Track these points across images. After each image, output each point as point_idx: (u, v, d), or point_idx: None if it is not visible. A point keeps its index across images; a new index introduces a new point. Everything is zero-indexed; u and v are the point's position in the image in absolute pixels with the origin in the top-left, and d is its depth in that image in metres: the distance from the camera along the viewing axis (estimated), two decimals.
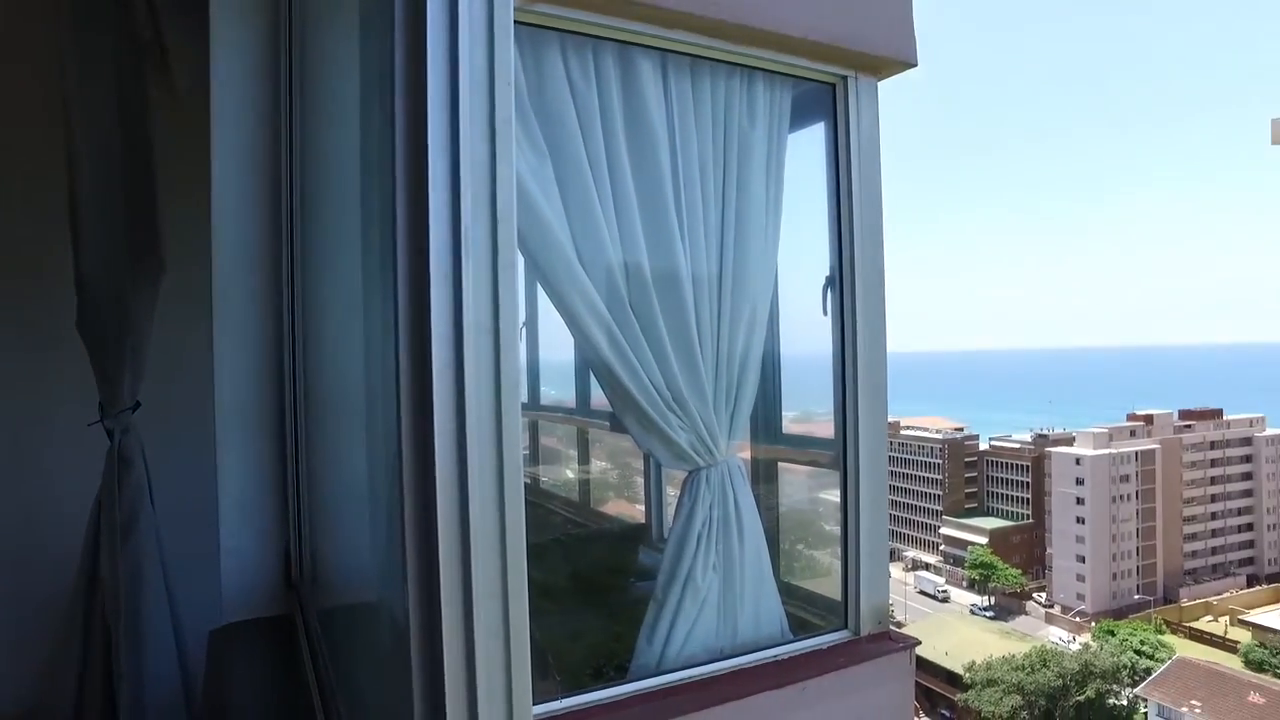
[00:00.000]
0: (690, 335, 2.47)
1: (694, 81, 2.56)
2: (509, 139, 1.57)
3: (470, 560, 1.40)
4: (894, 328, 2.85)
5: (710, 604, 2.51)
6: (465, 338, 1.45)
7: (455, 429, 1.44)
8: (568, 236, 2.33)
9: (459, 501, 1.42)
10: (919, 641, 2.75)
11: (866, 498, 2.68)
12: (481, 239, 1.51)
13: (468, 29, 1.51)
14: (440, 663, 1.38)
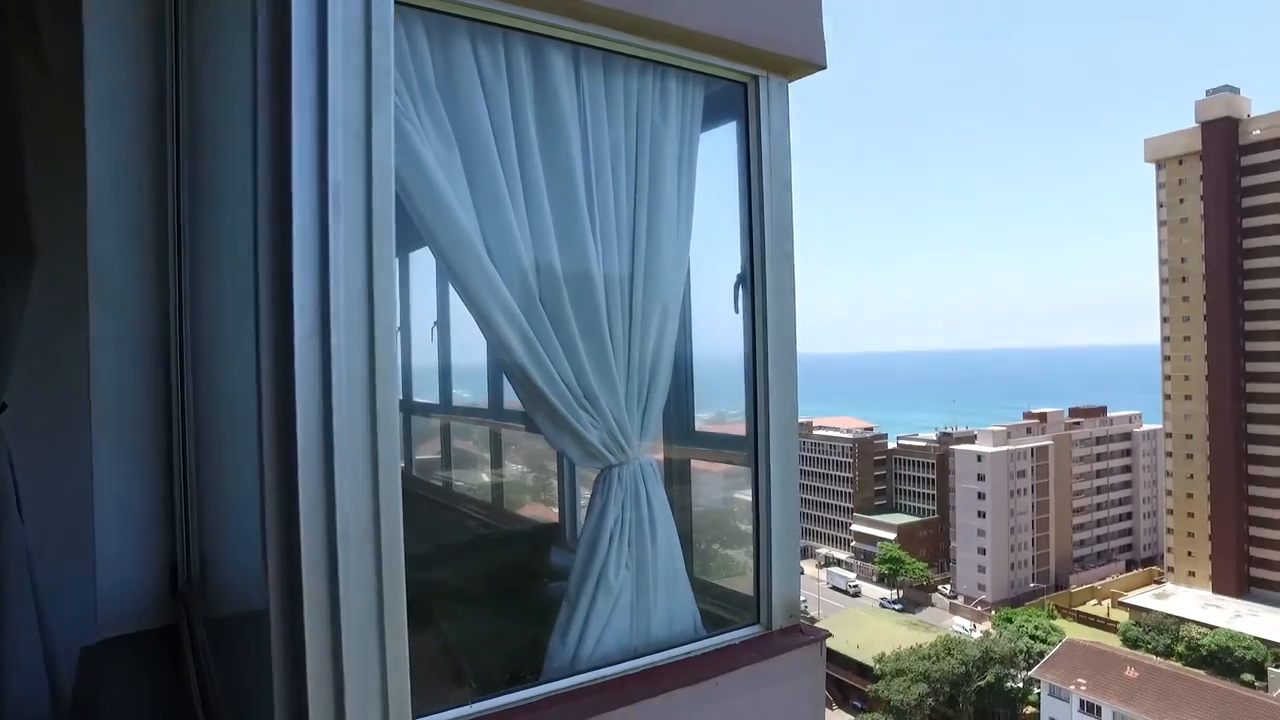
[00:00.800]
0: (602, 332, 2.44)
1: (607, 76, 2.54)
2: (387, 89, 1.48)
3: (337, 556, 1.32)
4: (806, 329, 2.90)
5: (623, 603, 2.49)
6: (333, 318, 1.37)
7: (320, 416, 1.35)
8: (477, 231, 2.27)
9: (325, 497, 1.34)
10: (829, 634, 2.80)
11: (777, 494, 2.70)
12: (354, 202, 1.44)
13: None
14: (303, 668, 1.30)
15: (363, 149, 1.54)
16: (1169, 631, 69.67)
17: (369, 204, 1.53)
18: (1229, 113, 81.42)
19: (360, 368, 1.44)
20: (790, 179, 2.75)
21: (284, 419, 1.35)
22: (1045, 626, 68.84)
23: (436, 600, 2.97)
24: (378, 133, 1.58)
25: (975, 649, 61.05)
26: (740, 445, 2.81)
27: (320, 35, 1.46)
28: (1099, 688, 50.60)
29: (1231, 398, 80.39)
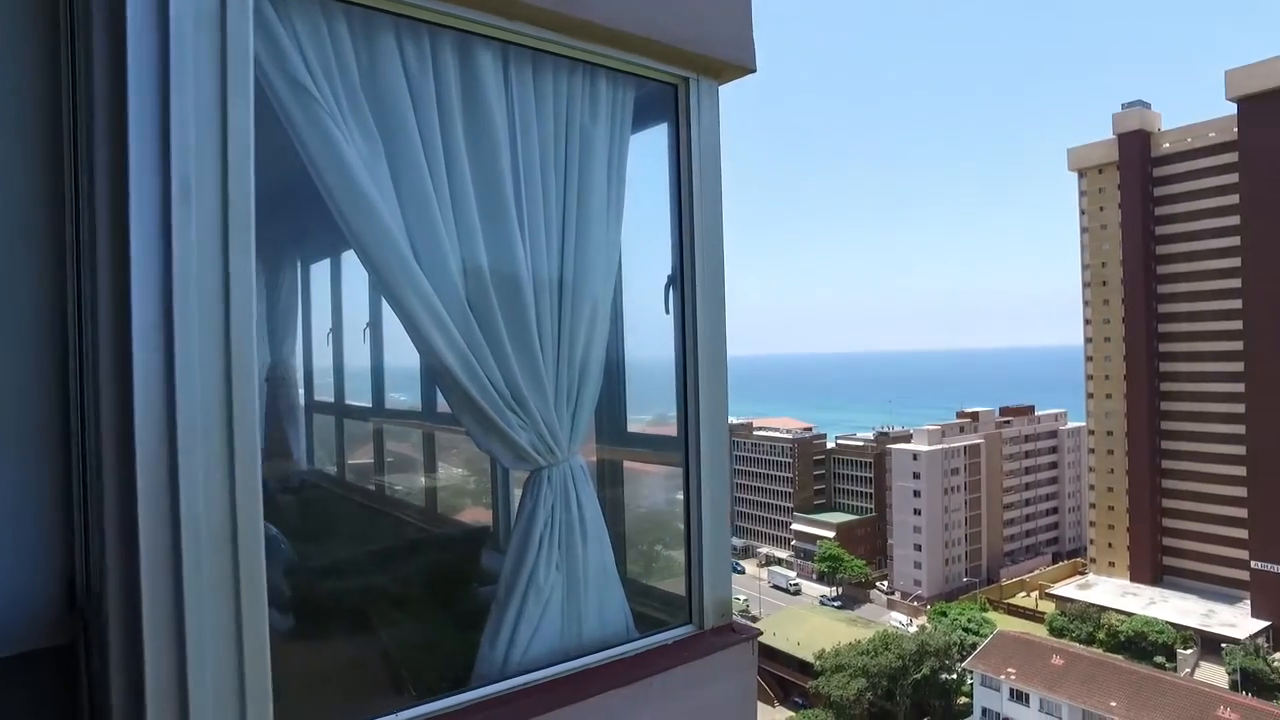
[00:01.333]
0: (530, 334, 2.42)
1: (536, 76, 2.52)
2: (245, 75, 1.40)
3: (182, 562, 1.25)
4: (743, 331, 2.94)
5: (554, 605, 2.47)
6: (178, 312, 1.31)
7: (164, 413, 1.29)
8: (402, 231, 2.23)
9: (168, 493, 1.27)
10: (760, 632, 2.83)
11: (708, 494, 2.72)
12: (208, 193, 1.37)
13: None
14: (141, 695, 1.22)
15: (218, 139, 1.48)
16: (1091, 620, 72.66)
17: (224, 195, 1.47)
18: (1142, 126, 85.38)
19: (214, 363, 1.38)
20: (720, 181, 2.78)
21: (122, 416, 1.28)
22: (978, 619, 71.07)
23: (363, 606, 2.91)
24: (235, 122, 1.51)
25: (911, 643, 62.53)
26: (673, 445, 2.83)
27: (162, 14, 1.38)
28: (1027, 676, 52.43)
29: (1148, 397, 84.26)
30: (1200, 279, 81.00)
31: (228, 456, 1.31)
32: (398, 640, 2.82)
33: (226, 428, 1.33)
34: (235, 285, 1.38)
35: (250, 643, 1.33)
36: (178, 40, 1.37)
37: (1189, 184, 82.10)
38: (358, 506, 4.89)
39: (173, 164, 1.33)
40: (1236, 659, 62.66)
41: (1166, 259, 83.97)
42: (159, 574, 1.22)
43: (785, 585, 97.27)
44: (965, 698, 60.50)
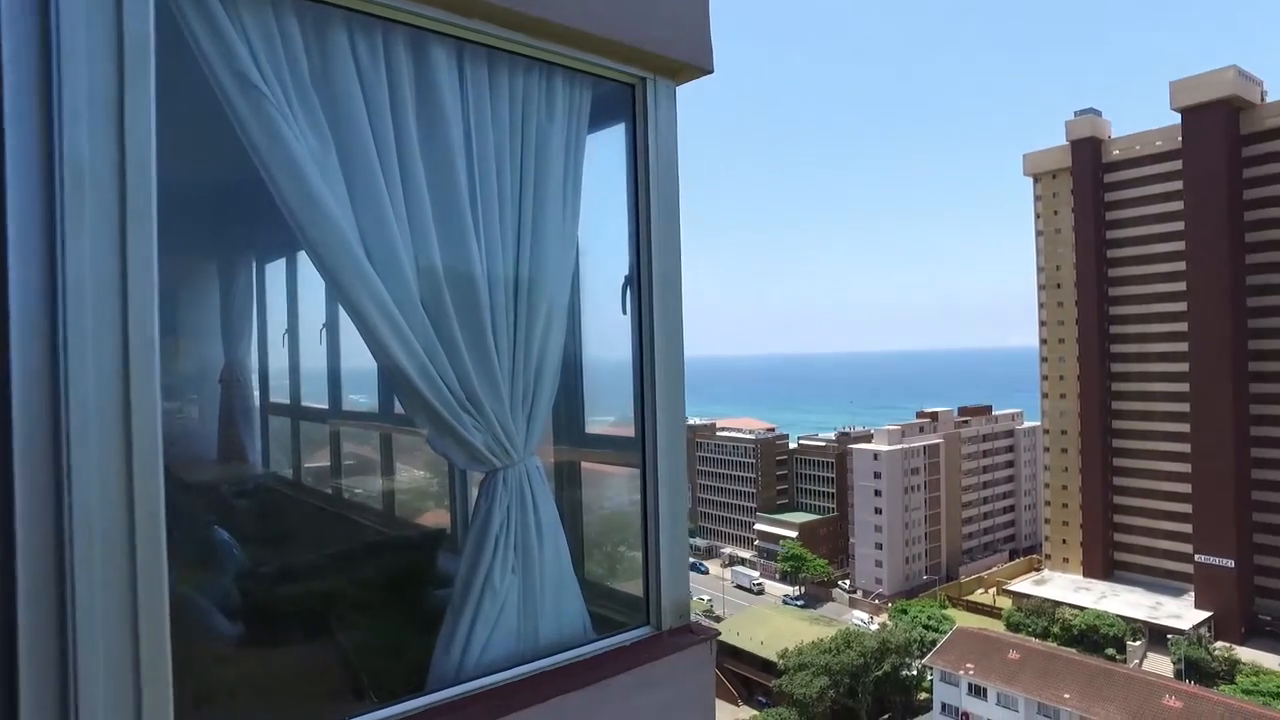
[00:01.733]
0: (485, 335, 2.40)
1: (491, 74, 2.50)
2: (145, 59, 1.34)
3: (68, 565, 1.19)
4: (705, 332, 2.95)
5: (510, 607, 2.45)
6: (70, 306, 1.26)
7: (47, 405, 1.23)
8: (354, 229, 2.19)
9: (51, 488, 1.23)
10: (718, 632, 2.84)
11: (666, 494, 2.72)
12: (104, 184, 1.31)
13: None
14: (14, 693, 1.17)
15: (114, 126, 1.43)
16: (1046, 615, 74.37)
17: (122, 186, 1.42)
18: (1093, 133, 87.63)
19: (110, 356, 1.33)
20: (677, 181, 2.78)
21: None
22: (937, 616, 72.24)
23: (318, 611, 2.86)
24: (133, 109, 1.46)
25: (873, 640, 63.34)
26: (631, 447, 2.82)
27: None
28: (985, 671, 53.42)
29: (1099, 397, 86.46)
30: (1148, 282, 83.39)
31: (125, 458, 1.26)
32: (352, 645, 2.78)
33: (124, 426, 1.28)
34: (133, 277, 1.32)
35: (148, 660, 1.27)
36: (68, 20, 1.31)
37: (1137, 190, 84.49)
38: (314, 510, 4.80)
39: (64, 151, 1.27)
40: (1181, 649, 64.74)
41: (1117, 262, 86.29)
42: (37, 581, 1.15)
43: (749, 585, 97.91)
44: (925, 693, 61.43)
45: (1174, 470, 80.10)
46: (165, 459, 1.42)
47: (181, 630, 1.38)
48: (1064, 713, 48.75)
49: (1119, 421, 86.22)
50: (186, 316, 6.30)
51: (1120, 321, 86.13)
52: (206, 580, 3.08)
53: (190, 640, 2.73)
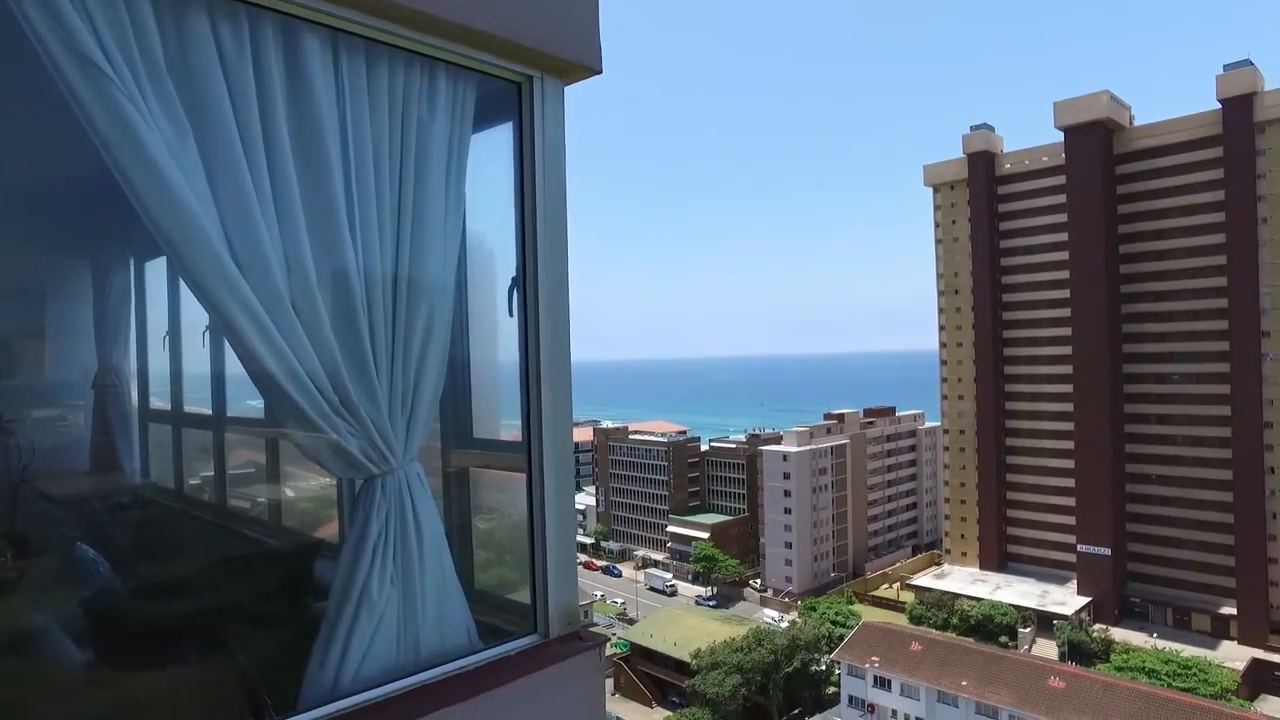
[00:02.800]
0: (360, 336, 2.31)
1: (370, 67, 2.41)
2: None
3: None
4: (620, 336, 2.91)
5: (389, 620, 2.36)
6: None
7: None
8: (216, 225, 2.07)
9: None
10: (608, 638, 2.81)
11: (553, 499, 2.68)
12: None
13: None
14: None
15: None
16: (946, 606, 77.71)
17: None
18: (987, 148, 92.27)
19: None
20: (564, 181, 2.74)
21: None
22: (845, 612, 74.44)
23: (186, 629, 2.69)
24: None
25: (783, 638, 64.72)
26: (518, 451, 2.76)
27: None
28: (889, 663, 55.37)
29: (994, 398, 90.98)
30: (1038, 289, 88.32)
31: None
32: (222, 666, 2.62)
33: None
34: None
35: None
36: None
37: (1027, 202, 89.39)
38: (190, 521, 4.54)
39: None
40: (1065, 633, 68.91)
41: (1010, 270, 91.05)
42: None
43: (662, 587, 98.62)
44: (834, 687, 63.18)
45: (1060, 466, 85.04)
46: (30, 471, 1.29)
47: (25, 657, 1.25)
48: (961, 699, 51.02)
49: (1012, 421, 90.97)
50: (55, 319, 5.89)
51: (1013, 326, 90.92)
52: (60, 601, 2.86)
53: (38, 666, 2.53)
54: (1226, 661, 64.72)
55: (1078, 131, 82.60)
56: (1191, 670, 59.23)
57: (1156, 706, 45.60)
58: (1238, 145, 73.98)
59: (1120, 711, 45.46)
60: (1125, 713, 45.27)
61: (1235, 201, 74.03)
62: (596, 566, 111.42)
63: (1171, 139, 79.77)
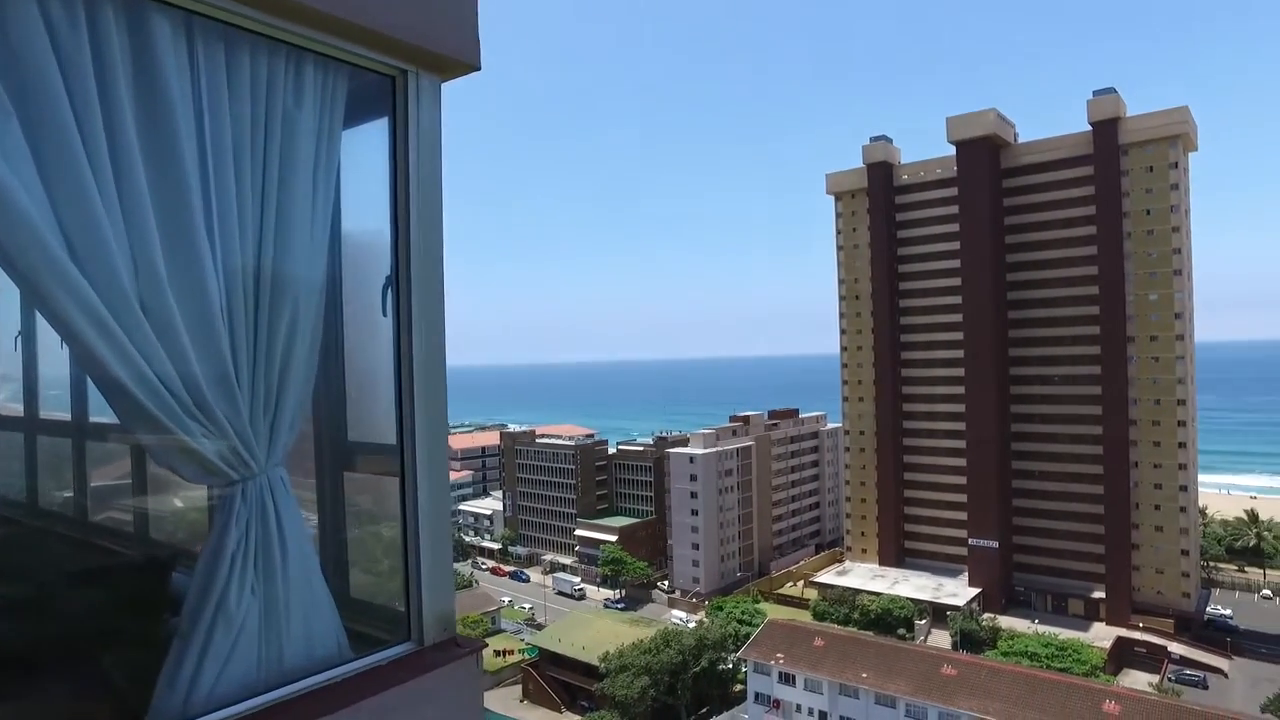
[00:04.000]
0: (216, 334, 2.19)
1: (229, 54, 2.29)
2: None
3: None
4: (525, 340, 2.84)
5: (249, 633, 2.25)
6: None
7: None
8: (50, 221, 1.91)
9: None
10: (485, 644, 2.77)
11: (427, 503, 2.62)
12: None
13: None
14: None
15: None
16: (847, 602, 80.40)
17: None
18: (885, 158, 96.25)
19: None
20: (440, 181, 2.69)
21: None
22: (750, 610, 75.95)
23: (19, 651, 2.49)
24: None
25: (691, 638, 65.53)
26: (393, 454, 2.69)
27: None
28: (793, 659, 56.84)
29: (893, 400, 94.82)
30: (933, 295, 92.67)
31: None
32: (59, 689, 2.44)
33: None
34: None
35: None
36: None
37: (923, 211, 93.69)
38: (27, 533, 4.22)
39: None
40: (957, 623, 72.48)
41: (907, 276, 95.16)
42: None
43: (570, 591, 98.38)
44: (741, 685, 64.35)
45: (953, 465, 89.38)
46: None
47: None
48: (862, 691, 52.85)
49: (909, 422, 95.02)
50: None
51: (910, 330, 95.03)
52: None
53: None
54: (1096, 641, 69.80)
55: (968, 146, 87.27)
56: (1067, 651, 63.51)
57: (1036, 687, 48.51)
58: (1105, 165, 79.82)
59: (1005, 694, 48.11)
60: (1009, 695, 47.93)
61: (1104, 216, 79.82)
62: (504, 572, 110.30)
63: (1050, 156, 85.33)
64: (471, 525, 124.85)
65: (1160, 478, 77.59)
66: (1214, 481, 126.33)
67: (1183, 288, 77.49)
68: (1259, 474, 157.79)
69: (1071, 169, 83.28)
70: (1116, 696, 47.19)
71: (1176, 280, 77.37)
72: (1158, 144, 78.01)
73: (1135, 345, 78.73)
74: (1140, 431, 78.44)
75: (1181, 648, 70.45)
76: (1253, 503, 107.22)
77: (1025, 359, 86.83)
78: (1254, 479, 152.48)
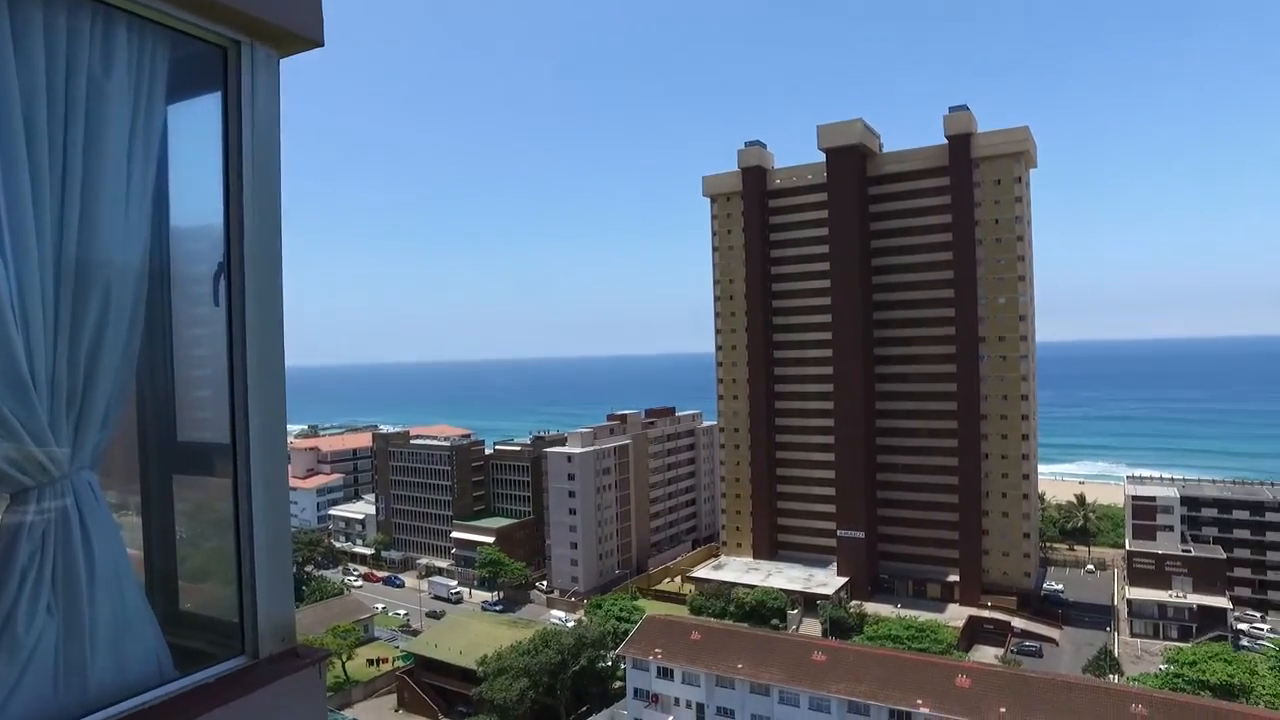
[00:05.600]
0: (6, 328, 1.94)
1: (13, 9, 2.01)
2: None
3: None
4: (396, 339, 2.64)
5: (43, 657, 2.01)
6: None
7: None
8: None
9: None
10: (330, 653, 2.64)
11: (264, 507, 2.44)
12: None
13: None
14: None
15: None
16: (724, 596, 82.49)
17: None
18: (759, 163, 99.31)
19: None
20: (279, 163, 2.51)
21: None
22: (629, 607, 76.56)
23: None
24: None
25: (570, 637, 65.35)
26: (226, 455, 2.49)
27: None
28: (671, 654, 57.70)
29: (765, 398, 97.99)
30: (804, 296, 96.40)
31: None
32: None
33: None
34: None
35: None
36: None
37: (795, 215, 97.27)
38: None
39: None
40: (827, 611, 75.90)
41: (780, 278, 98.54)
42: None
43: (447, 595, 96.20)
44: (620, 682, 64.70)
45: (823, 460, 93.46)
46: None
47: None
48: (738, 681, 54.28)
49: (781, 419, 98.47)
50: None
51: (782, 330, 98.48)
52: None
53: None
54: (951, 621, 75.07)
55: (837, 153, 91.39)
56: (925, 632, 67.66)
57: (899, 668, 51.39)
58: (959, 176, 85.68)
59: (872, 677, 50.65)
60: (875, 677, 50.50)
61: (959, 224, 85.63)
62: (377, 578, 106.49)
63: (912, 166, 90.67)
64: (343, 530, 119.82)
65: (1007, 468, 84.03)
66: (1050, 471, 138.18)
67: (1026, 292, 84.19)
68: (1086, 462, 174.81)
69: (931, 179, 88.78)
70: (967, 671, 50.60)
71: (1021, 285, 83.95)
72: (1004, 159, 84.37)
73: (986, 345, 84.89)
74: (990, 426, 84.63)
75: (1022, 622, 77.12)
76: (1081, 488, 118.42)
77: (889, 358, 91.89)
78: (1082, 466, 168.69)
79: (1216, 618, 74.11)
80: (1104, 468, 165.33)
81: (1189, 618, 74.88)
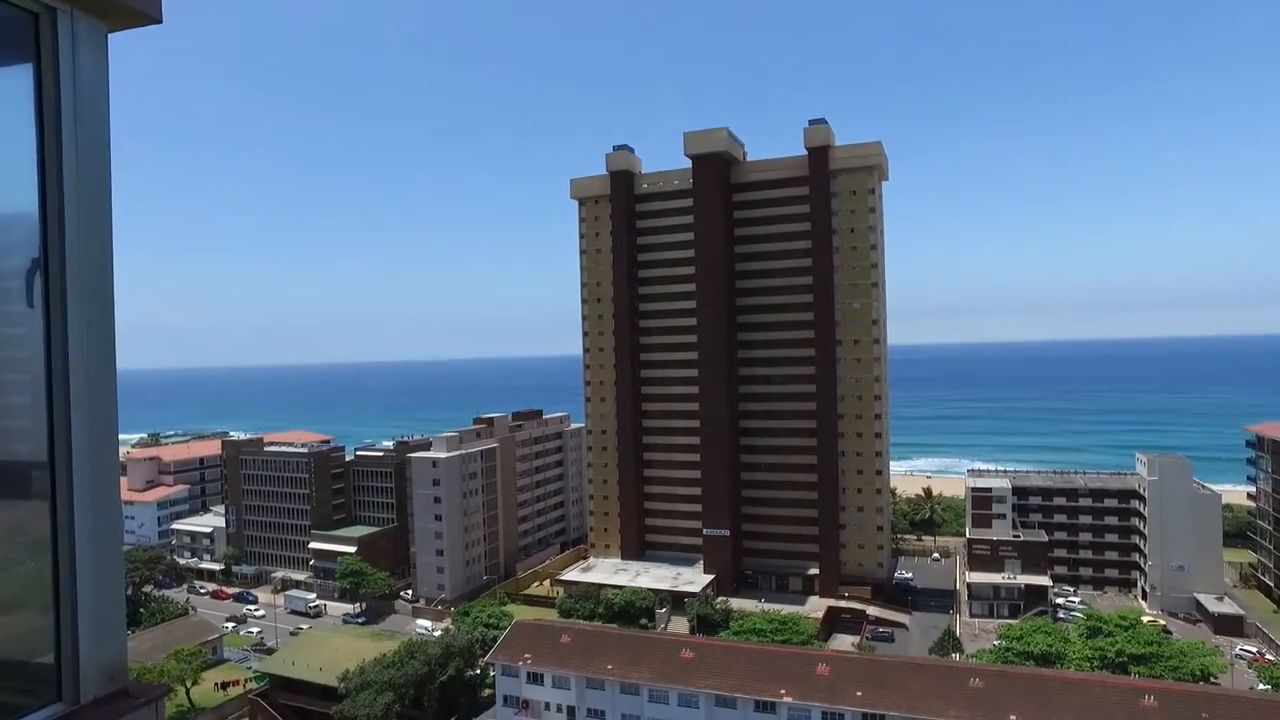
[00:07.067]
0: None
1: None
2: None
3: None
4: (249, 343, 2.39)
5: None
6: None
7: None
8: None
9: None
10: (168, 689, 2.39)
11: (91, 530, 2.17)
12: None
13: None
14: None
15: None
16: (592, 597, 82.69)
17: None
18: (627, 167, 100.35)
19: None
20: (108, 146, 2.24)
21: None
22: (498, 613, 75.31)
23: None
24: None
25: (437, 647, 63.49)
26: (41, 472, 2.20)
27: None
28: (541, 658, 57.21)
29: (633, 400, 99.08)
30: (671, 300, 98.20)
31: None
32: None
33: None
34: None
35: None
36: None
37: (662, 220, 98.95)
38: None
39: None
40: (694, 609, 77.64)
41: (647, 281, 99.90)
42: None
43: (305, 609, 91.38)
44: (490, 689, 63.47)
45: (689, 460, 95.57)
46: None
47: None
48: (608, 682, 54.47)
49: (649, 421, 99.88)
50: None
51: (649, 333, 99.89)
52: None
53: None
54: (812, 613, 78.89)
55: (703, 160, 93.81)
56: (788, 625, 70.62)
57: (764, 660, 53.34)
58: (818, 187, 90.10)
59: (737, 671, 52.21)
60: (742, 671, 52.11)
61: (818, 232, 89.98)
62: (227, 595, 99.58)
63: (775, 175, 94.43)
64: (188, 546, 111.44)
65: (862, 464, 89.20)
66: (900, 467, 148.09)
67: (879, 298, 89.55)
68: (932, 457, 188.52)
69: (792, 188, 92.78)
70: (827, 659, 53.15)
71: (874, 291, 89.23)
72: (858, 172, 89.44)
73: (843, 348, 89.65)
74: (846, 424, 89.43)
75: (876, 610, 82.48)
76: (929, 481, 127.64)
77: (752, 360, 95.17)
78: (929, 462, 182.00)
79: (1040, 595, 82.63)
80: (948, 463, 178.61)
81: (1017, 596, 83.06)
